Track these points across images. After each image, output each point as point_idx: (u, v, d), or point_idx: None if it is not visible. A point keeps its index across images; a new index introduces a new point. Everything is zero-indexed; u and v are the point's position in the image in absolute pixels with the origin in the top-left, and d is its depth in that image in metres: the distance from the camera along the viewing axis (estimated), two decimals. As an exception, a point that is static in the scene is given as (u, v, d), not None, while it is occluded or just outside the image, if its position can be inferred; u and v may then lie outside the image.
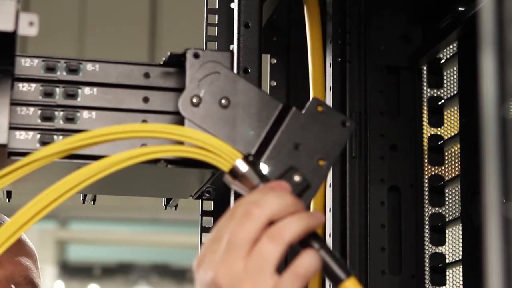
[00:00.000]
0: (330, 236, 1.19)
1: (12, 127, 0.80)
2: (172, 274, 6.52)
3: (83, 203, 1.03)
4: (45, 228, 5.92)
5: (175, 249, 6.52)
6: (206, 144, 0.77)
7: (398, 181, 1.23)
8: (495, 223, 0.57)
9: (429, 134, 1.26)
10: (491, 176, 0.57)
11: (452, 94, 1.26)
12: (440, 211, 1.24)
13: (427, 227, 1.24)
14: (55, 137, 0.81)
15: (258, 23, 0.95)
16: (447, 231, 1.24)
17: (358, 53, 1.23)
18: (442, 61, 1.26)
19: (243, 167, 0.77)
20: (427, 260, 1.23)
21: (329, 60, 1.23)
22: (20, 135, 0.81)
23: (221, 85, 0.81)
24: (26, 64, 0.82)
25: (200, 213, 1.17)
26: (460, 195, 1.20)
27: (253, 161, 0.78)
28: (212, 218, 1.17)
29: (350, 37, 1.23)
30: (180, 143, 0.79)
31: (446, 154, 1.25)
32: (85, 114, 0.83)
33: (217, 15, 1.17)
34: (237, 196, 0.80)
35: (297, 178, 0.78)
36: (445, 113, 1.27)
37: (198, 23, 1.34)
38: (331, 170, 1.19)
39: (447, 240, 1.24)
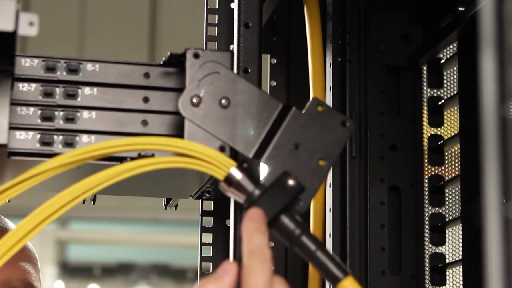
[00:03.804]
0: (330, 236, 1.19)
1: (12, 127, 0.80)
2: (172, 274, 6.52)
3: (83, 203, 1.03)
4: (45, 228, 5.89)
5: (175, 249, 6.53)
6: (201, 154, 0.78)
7: (398, 181, 1.23)
8: (495, 223, 0.57)
9: (429, 134, 1.26)
10: (491, 176, 0.57)
11: (452, 94, 1.26)
12: (440, 211, 1.24)
13: (427, 227, 1.24)
14: (55, 137, 0.81)
15: (258, 23, 0.95)
16: (447, 231, 1.24)
17: (358, 53, 1.23)
18: (442, 61, 1.26)
19: (238, 174, 0.78)
20: (427, 260, 1.23)
21: (329, 60, 1.23)
22: (20, 135, 0.81)
23: (221, 85, 0.81)
24: (26, 64, 0.82)
25: (200, 213, 1.17)
26: (460, 195, 1.20)
27: (247, 168, 0.78)
28: (212, 218, 1.17)
29: (350, 37, 1.23)
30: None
31: (446, 154, 1.25)
32: (85, 114, 0.83)
33: (217, 15, 1.17)
34: (237, 196, 0.80)
35: (291, 182, 0.78)
36: (445, 113, 1.27)
37: (198, 23, 1.34)
38: (331, 170, 1.19)
39: (447, 240, 1.24)
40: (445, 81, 1.27)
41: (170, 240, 6.35)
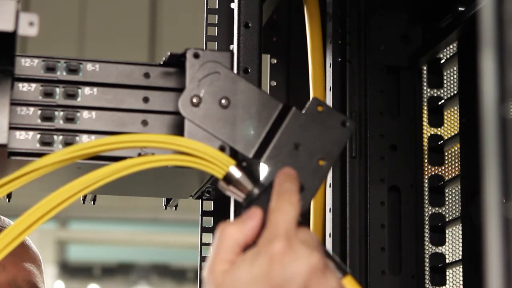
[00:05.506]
0: (330, 236, 1.19)
1: (12, 127, 0.80)
2: (172, 274, 6.53)
3: (83, 203, 1.03)
4: (45, 228, 5.92)
5: (175, 249, 6.53)
6: (200, 153, 0.78)
7: (398, 181, 1.23)
8: (495, 223, 0.57)
9: (429, 134, 1.26)
10: (491, 176, 0.57)
11: (452, 94, 1.26)
12: (440, 211, 1.24)
13: (427, 227, 1.24)
14: (55, 137, 0.81)
15: (258, 23, 0.95)
16: (447, 231, 1.24)
17: (358, 53, 1.23)
18: (442, 61, 1.26)
19: (237, 173, 0.78)
20: (427, 260, 1.23)
21: (329, 60, 1.23)
22: (20, 135, 0.81)
23: (221, 85, 0.81)
24: (26, 64, 0.82)
25: (200, 213, 1.17)
26: (460, 195, 1.20)
27: (246, 167, 0.78)
28: (212, 218, 1.17)
29: (350, 37, 1.23)
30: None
31: (446, 154, 1.26)
32: (85, 114, 0.83)
33: (217, 15, 1.17)
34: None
35: None
36: (445, 113, 1.27)
37: (198, 23, 1.34)
38: (331, 170, 1.19)
39: (447, 240, 1.24)
40: (445, 81, 1.27)
41: (170, 240, 6.36)
